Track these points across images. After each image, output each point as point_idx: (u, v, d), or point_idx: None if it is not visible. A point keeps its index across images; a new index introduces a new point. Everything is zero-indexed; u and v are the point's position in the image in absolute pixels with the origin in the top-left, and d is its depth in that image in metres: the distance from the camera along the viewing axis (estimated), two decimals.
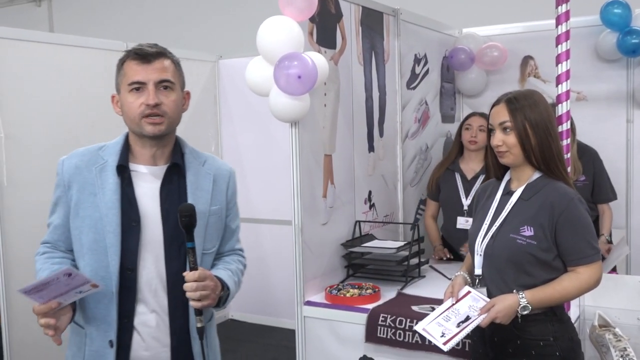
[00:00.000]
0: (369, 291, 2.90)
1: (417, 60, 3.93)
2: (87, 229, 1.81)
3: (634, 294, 2.84)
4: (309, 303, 2.89)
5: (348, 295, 2.87)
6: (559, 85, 2.40)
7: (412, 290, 3.01)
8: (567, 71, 2.39)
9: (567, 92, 2.39)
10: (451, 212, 3.62)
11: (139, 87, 1.80)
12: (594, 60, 4.05)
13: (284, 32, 2.67)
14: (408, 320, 2.59)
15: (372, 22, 3.45)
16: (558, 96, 2.40)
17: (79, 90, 3.80)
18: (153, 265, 1.84)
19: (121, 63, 1.86)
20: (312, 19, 2.89)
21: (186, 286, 1.74)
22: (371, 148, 3.45)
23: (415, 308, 2.70)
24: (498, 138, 2.06)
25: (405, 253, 3.11)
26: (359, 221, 3.29)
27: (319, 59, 2.74)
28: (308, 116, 2.82)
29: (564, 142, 2.38)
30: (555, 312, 2.05)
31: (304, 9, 2.72)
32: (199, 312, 1.77)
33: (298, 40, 2.69)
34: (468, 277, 2.21)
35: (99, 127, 3.75)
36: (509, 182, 2.17)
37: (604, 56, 4.00)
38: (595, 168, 3.57)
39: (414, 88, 3.91)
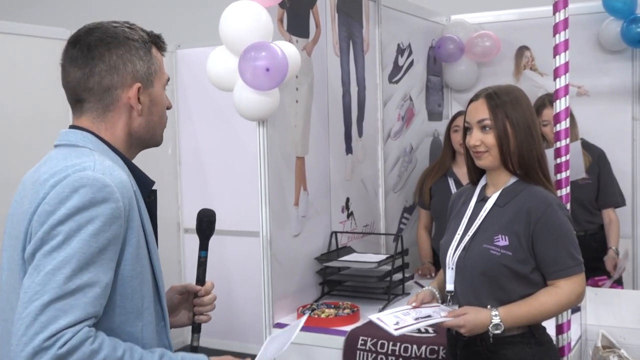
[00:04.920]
0: (346, 311, 2.90)
1: (400, 51, 3.96)
2: (147, 274, 1.49)
3: None
4: (279, 325, 2.88)
5: (323, 315, 2.87)
6: (557, 79, 2.41)
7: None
8: (566, 63, 2.41)
9: (566, 86, 2.41)
10: (444, 223, 3.61)
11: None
12: (596, 51, 4.11)
13: (250, 18, 2.66)
14: (391, 343, 2.60)
15: (349, 8, 3.46)
16: (556, 91, 2.41)
17: (19, 82, 3.75)
18: None
19: (147, 46, 1.60)
20: (282, 4, 2.89)
21: (207, 299, 1.77)
22: (349, 149, 3.46)
23: None
24: (476, 137, 2.07)
25: (388, 268, 3.11)
26: (336, 232, 3.29)
27: (289, 50, 2.74)
28: (277, 114, 2.82)
29: (563, 143, 2.40)
30: (534, 333, 2.05)
31: None
32: (199, 329, 1.79)
33: (266, 28, 2.69)
34: (437, 293, 2.22)
35: (39, 123, 3.69)
36: (484, 187, 2.18)
37: (606, 47, 4.05)
38: (601, 168, 3.59)
39: (397, 82, 3.93)
